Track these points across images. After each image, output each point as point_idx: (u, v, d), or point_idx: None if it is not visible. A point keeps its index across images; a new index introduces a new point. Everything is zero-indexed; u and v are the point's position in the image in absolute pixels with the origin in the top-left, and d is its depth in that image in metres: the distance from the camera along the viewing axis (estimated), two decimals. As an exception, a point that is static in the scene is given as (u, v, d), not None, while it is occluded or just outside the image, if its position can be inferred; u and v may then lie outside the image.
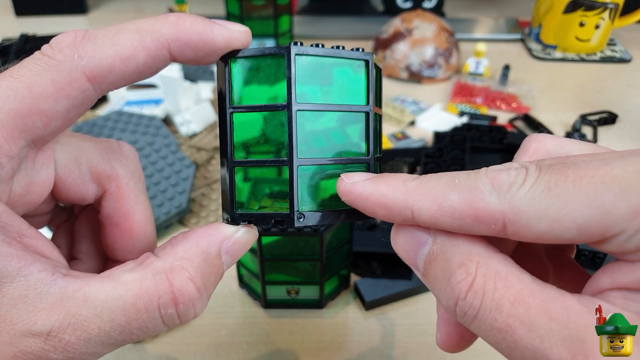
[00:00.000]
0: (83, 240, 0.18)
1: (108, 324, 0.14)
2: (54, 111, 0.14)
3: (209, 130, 0.49)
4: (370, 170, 0.17)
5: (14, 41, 0.62)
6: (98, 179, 0.17)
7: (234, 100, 0.16)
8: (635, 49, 0.69)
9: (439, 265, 0.14)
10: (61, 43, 0.14)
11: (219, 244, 0.16)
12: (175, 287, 0.15)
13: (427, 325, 0.32)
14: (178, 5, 0.67)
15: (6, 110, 0.13)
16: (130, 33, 0.14)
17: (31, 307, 0.13)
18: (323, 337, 0.31)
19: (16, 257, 0.13)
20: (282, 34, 0.62)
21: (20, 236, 0.14)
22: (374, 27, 0.68)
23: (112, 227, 0.17)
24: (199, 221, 0.39)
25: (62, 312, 0.13)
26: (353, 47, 0.17)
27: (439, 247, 0.14)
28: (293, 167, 0.15)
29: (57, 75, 0.13)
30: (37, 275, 0.13)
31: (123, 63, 0.14)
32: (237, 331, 0.32)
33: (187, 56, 0.15)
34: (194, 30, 0.15)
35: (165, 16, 0.15)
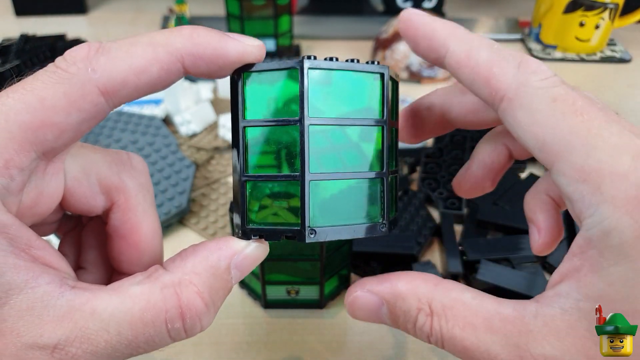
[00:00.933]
0: (89, 250, 0.18)
1: (115, 337, 0.14)
2: (66, 124, 0.13)
3: (208, 130, 0.49)
4: (384, 185, 0.17)
5: (14, 41, 0.62)
6: (107, 191, 0.17)
7: (247, 114, 0.16)
8: (635, 49, 0.69)
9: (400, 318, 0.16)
10: (75, 56, 0.14)
11: (229, 259, 0.16)
12: (183, 301, 0.15)
13: (427, 325, 0.32)
14: (178, 5, 0.67)
15: (18, 123, 0.13)
16: (143, 46, 0.14)
17: (38, 319, 0.13)
18: (323, 337, 0.31)
19: (24, 269, 0.13)
20: (282, 34, 0.62)
21: (28, 247, 0.14)
22: (374, 27, 0.68)
23: (119, 240, 0.17)
24: (198, 221, 0.39)
25: (69, 325, 0.13)
26: (368, 60, 0.17)
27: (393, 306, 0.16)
28: (305, 182, 0.15)
29: (70, 89, 0.13)
30: (45, 287, 0.13)
31: (136, 76, 0.14)
32: (237, 331, 0.32)
33: (201, 70, 0.15)
34: (208, 44, 0.15)
35: (180, 29, 0.15)
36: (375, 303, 0.16)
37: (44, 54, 0.56)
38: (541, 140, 0.14)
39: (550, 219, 0.18)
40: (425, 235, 0.37)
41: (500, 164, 0.20)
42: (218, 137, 0.48)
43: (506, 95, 0.15)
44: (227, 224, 0.39)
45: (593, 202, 0.13)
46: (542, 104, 0.14)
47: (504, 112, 0.15)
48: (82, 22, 0.78)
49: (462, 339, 0.15)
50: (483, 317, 0.15)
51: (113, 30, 0.75)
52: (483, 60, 0.15)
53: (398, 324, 0.16)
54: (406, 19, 0.16)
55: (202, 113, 0.49)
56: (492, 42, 0.16)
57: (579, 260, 0.14)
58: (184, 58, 0.14)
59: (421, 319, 0.16)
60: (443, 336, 0.15)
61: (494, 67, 0.15)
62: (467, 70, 0.15)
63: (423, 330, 0.16)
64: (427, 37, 0.16)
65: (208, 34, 0.15)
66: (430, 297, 0.16)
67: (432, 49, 0.16)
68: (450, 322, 0.15)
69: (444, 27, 0.16)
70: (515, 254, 0.35)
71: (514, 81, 0.15)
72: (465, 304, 0.15)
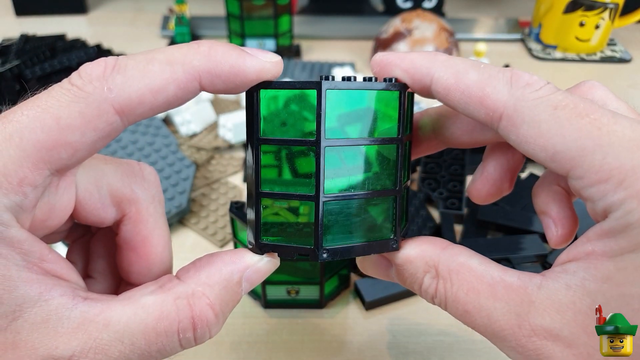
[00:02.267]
0: (98, 260, 0.18)
1: (129, 347, 0.14)
2: (81, 143, 0.13)
3: (209, 130, 0.49)
4: (397, 204, 0.17)
5: (14, 41, 0.62)
6: (118, 202, 0.16)
7: (263, 131, 0.16)
8: (635, 49, 0.70)
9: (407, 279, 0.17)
10: (91, 74, 0.14)
11: (242, 272, 0.16)
12: (196, 312, 0.15)
13: (427, 325, 0.32)
14: (178, 5, 0.67)
15: (32, 142, 0.13)
16: (161, 64, 0.14)
17: (52, 331, 0.13)
18: (323, 336, 0.31)
19: (37, 282, 0.13)
20: (282, 33, 0.62)
21: (41, 261, 0.14)
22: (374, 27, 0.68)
23: (128, 251, 0.17)
24: (198, 221, 0.39)
25: (83, 337, 0.13)
26: (386, 78, 0.16)
27: (401, 267, 0.17)
28: (319, 203, 0.15)
29: (86, 108, 0.13)
30: (58, 299, 0.13)
31: (153, 95, 0.14)
32: (237, 331, 0.32)
33: (218, 88, 0.15)
34: (226, 62, 0.14)
35: (197, 45, 0.14)
36: (385, 264, 0.17)
37: (44, 54, 0.56)
38: (551, 150, 0.14)
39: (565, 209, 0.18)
40: (426, 235, 0.37)
41: (515, 161, 0.19)
42: (218, 137, 0.48)
43: (505, 113, 0.14)
44: (227, 224, 0.39)
45: (616, 199, 0.13)
46: (544, 114, 0.14)
47: (506, 130, 0.15)
48: (82, 22, 0.78)
49: (464, 302, 0.15)
50: (487, 284, 0.15)
51: (113, 30, 0.75)
52: (473, 81, 0.15)
53: (404, 282, 0.17)
54: (379, 62, 0.16)
55: (202, 113, 0.49)
56: (477, 62, 0.15)
57: (593, 246, 0.14)
58: (202, 77, 0.14)
59: (427, 281, 0.16)
60: (447, 299, 0.15)
61: (486, 87, 0.15)
62: (457, 94, 0.15)
63: (428, 292, 0.16)
64: (407, 70, 0.16)
65: (226, 52, 0.14)
66: (437, 261, 0.16)
67: (415, 80, 0.16)
68: (455, 286, 0.15)
69: (423, 57, 0.16)
70: (516, 254, 0.35)
71: (510, 97, 0.14)
72: (471, 269, 0.15)
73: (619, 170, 0.13)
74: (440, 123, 0.18)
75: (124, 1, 0.85)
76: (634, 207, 0.13)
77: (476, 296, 0.15)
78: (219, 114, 0.51)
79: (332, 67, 0.61)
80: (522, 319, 0.14)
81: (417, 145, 0.19)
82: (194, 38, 0.70)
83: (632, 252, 0.13)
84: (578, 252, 0.14)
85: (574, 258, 0.14)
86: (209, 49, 0.14)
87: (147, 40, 0.71)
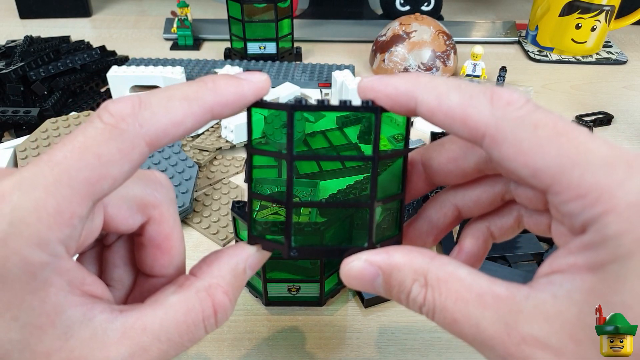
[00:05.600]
0: (115, 270, 0.20)
1: (166, 344, 0.16)
2: (119, 174, 0.15)
3: (211, 131, 0.50)
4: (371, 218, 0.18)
5: (18, 42, 0.63)
6: (143, 209, 0.18)
7: (254, 143, 0.18)
8: (631, 50, 0.70)
9: (394, 288, 0.17)
10: (122, 111, 0.15)
11: (245, 261, 0.19)
12: (215, 301, 0.17)
13: (424, 322, 0.33)
14: (181, 8, 0.67)
15: (80, 180, 0.14)
16: (180, 101, 0.16)
17: (101, 344, 0.15)
18: (323, 333, 0.32)
19: (80, 305, 0.15)
20: (282, 37, 0.63)
21: (82, 285, 0.16)
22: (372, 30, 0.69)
23: (153, 248, 0.19)
24: (201, 220, 0.40)
25: (128, 343, 0.15)
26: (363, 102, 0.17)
27: (389, 276, 0.17)
28: (289, 209, 0.17)
29: (122, 144, 0.15)
30: (99, 316, 0.15)
31: (175, 128, 0.16)
32: (238, 328, 0.32)
33: (226, 114, 0.17)
34: (230, 92, 0.16)
35: (205, 83, 0.16)
36: (371, 273, 0.17)
37: (48, 56, 0.57)
38: (532, 167, 0.15)
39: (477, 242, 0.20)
40: (423, 234, 0.38)
41: (445, 224, 0.20)
42: (220, 138, 0.49)
43: (487, 133, 0.15)
44: (229, 223, 0.40)
45: (594, 213, 0.14)
46: (525, 132, 0.15)
47: (489, 148, 0.15)
48: (86, 25, 0.78)
49: (453, 311, 0.15)
50: (476, 293, 0.15)
51: (116, 32, 0.76)
52: (455, 103, 0.15)
53: (391, 294, 0.17)
54: (364, 88, 0.17)
55: (204, 115, 0.50)
56: (459, 82, 0.16)
57: (575, 258, 0.15)
58: (213, 108, 0.16)
59: (415, 290, 0.16)
60: (435, 308, 0.16)
61: (468, 108, 0.15)
62: (441, 116, 0.16)
63: (416, 301, 0.16)
64: (391, 96, 0.16)
65: (227, 84, 0.17)
66: (426, 270, 0.16)
67: (400, 105, 0.16)
68: (444, 295, 0.16)
69: (406, 80, 0.16)
70: (512, 252, 0.35)
71: (491, 117, 0.15)
72: (460, 279, 0.16)
73: (596, 186, 0.14)
74: (427, 155, 0.19)
75: (126, 4, 0.86)
76: (610, 221, 0.14)
77: (464, 305, 0.15)
78: (220, 116, 0.52)
79: (332, 69, 0.61)
80: (510, 328, 0.14)
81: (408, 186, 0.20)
82: (196, 41, 0.71)
83: (611, 263, 0.14)
84: (560, 264, 0.15)
85: (557, 270, 0.15)
86: (214, 84, 0.16)
87: (150, 43, 0.72)
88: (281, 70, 0.61)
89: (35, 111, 0.48)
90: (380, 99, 0.17)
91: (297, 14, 0.78)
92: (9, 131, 0.50)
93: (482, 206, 0.19)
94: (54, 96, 0.53)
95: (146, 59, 0.63)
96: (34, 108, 0.49)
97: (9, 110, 0.48)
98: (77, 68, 0.57)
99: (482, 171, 0.18)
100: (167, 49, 0.70)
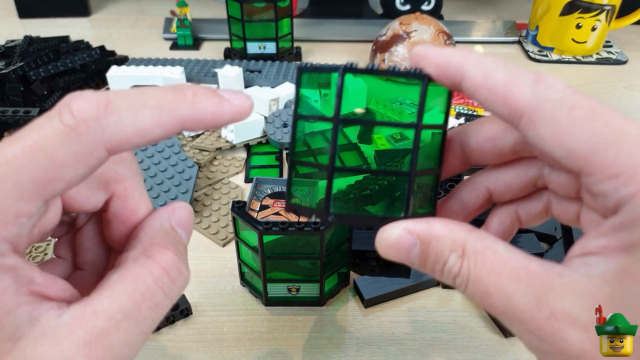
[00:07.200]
0: (86, 253, 0.19)
1: (125, 321, 0.15)
2: (73, 177, 0.14)
3: (211, 131, 0.50)
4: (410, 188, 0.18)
5: (18, 42, 0.63)
6: (105, 185, 0.18)
7: (300, 108, 0.18)
8: (631, 50, 0.70)
9: (430, 258, 0.17)
10: (85, 114, 0.14)
11: (168, 220, 0.18)
12: (158, 259, 0.16)
13: (424, 322, 0.33)
14: (180, 7, 0.67)
15: (29, 180, 0.14)
16: (151, 110, 0.15)
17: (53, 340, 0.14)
18: (323, 333, 0.32)
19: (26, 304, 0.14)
20: (282, 36, 0.63)
21: (29, 283, 0.15)
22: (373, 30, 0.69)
23: (119, 224, 0.18)
24: (201, 220, 0.40)
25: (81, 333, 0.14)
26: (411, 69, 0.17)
27: (426, 245, 0.17)
28: (331, 174, 0.17)
29: (80, 148, 0.14)
30: (47, 314, 0.15)
31: (140, 137, 0.15)
32: (238, 328, 0.32)
33: (197, 129, 0.16)
34: (207, 110, 0.16)
35: (183, 93, 0.16)
36: (409, 242, 0.17)
37: (48, 56, 0.56)
38: (566, 147, 0.15)
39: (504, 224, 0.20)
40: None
41: (476, 205, 0.20)
42: (220, 138, 0.49)
43: (525, 112, 0.16)
44: (229, 223, 0.40)
45: (627, 193, 0.14)
46: (563, 113, 0.15)
47: (525, 128, 0.16)
48: (85, 24, 0.78)
49: (486, 283, 0.15)
50: (511, 267, 0.15)
51: (115, 32, 0.76)
52: (499, 81, 0.16)
53: (426, 264, 0.17)
54: (417, 54, 0.17)
55: (204, 114, 0.50)
56: (506, 62, 0.16)
57: (607, 240, 0.15)
58: (185, 122, 0.16)
59: (452, 260, 0.16)
60: (469, 279, 0.16)
61: (511, 87, 0.16)
62: (484, 92, 0.16)
63: (451, 272, 0.16)
64: (441, 67, 0.17)
65: (208, 100, 0.16)
66: (464, 241, 0.16)
67: (448, 76, 0.17)
68: (479, 266, 0.16)
69: (457, 53, 0.17)
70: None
71: (532, 97, 0.15)
72: (497, 252, 0.16)
73: (630, 166, 0.14)
74: (465, 133, 0.20)
75: (126, 4, 0.86)
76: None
77: (498, 278, 0.15)
78: (220, 116, 0.52)
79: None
80: (541, 302, 0.15)
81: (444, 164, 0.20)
82: (195, 41, 0.71)
83: None
84: (593, 246, 0.15)
85: (590, 252, 0.15)
86: (193, 97, 0.16)
87: (150, 43, 0.72)
88: (281, 70, 0.61)
89: (35, 111, 0.48)
90: (430, 68, 0.17)
91: (297, 13, 0.78)
92: (9, 131, 0.50)
93: (514, 191, 0.20)
94: (54, 96, 0.53)
95: (146, 59, 0.63)
96: (33, 108, 0.49)
97: (8, 110, 0.48)
98: (77, 68, 0.57)
99: (518, 153, 0.19)
100: (167, 48, 0.70)
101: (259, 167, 0.46)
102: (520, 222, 0.20)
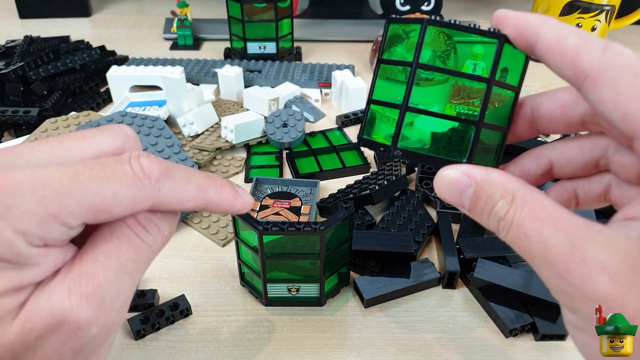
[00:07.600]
0: None
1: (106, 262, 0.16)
2: (118, 214, 0.16)
3: (211, 131, 0.50)
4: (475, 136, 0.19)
5: (18, 42, 0.63)
6: None
7: (384, 54, 0.21)
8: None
9: (481, 201, 0.18)
10: (152, 172, 0.17)
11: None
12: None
13: (424, 322, 0.33)
14: (180, 8, 0.67)
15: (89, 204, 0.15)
16: (193, 188, 0.18)
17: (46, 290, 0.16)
18: (323, 333, 0.32)
19: None
20: (282, 36, 0.63)
21: None
22: (373, 30, 0.69)
23: None
24: (201, 220, 0.40)
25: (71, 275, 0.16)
26: (490, 28, 0.19)
27: (481, 188, 0.18)
28: (403, 112, 0.19)
29: (137, 195, 0.16)
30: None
31: (178, 204, 0.18)
32: (238, 328, 0.32)
33: (212, 211, 0.19)
34: (226, 200, 0.19)
35: (215, 183, 0.19)
36: (465, 183, 0.18)
37: (48, 56, 0.57)
38: (623, 111, 0.16)
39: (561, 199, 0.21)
40: (423, 234, 0.38)
41: (536, 175, 0.21)
42: (220, 138, 0.49)
43: (590, 74, 0.17)
44: (229, 223, 0.40)
45: None
46: (625, 78, 0.16)
47: (588, 90, 0.17)
48: (86, 25, 0.79)
49: (527, 228, 0.17)
50: (554, 218, 0.17)
51: (116, 32, 0.76)
52: (571, 44, 0.17)
53: (475, 207, 0.18)
54: (499, 16, 0.19)
55: (205, 114, 0.50)
56: (580, 30, 0.18)
57: None
58: (208, 204, 0.18)
59: (500, 204, 0.17)
60: (513, 223, 0.17)
61: (581, 50, 0.17)
62: (555, 54, 0.17)
63: (497, 215, 0.17)
64: (519, 28, 0.18)
65: (229, 192, 0.19)
66: (516, 190, 0.17)
67: (524, 38, 0.18)
68: (524, 213, 0.17)
69: (535, 17, 0.18)
70: (512, 252, 0.35)
71: (598, 61, 0.16)
72: (543, 205, 0.17)
73: None
74: (537, 99, 0.21)
75: (126, 4, 0.86)
76: None
77: (539, 224, 0.16)
78: (220, 116, 0.52)
79: (332, 69, 0.61)
80: (575, 248, 0.16)
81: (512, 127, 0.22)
82: (196, 41, 0.71)
83: None
84: (635, 211, 0.17)
85: (632, 216, 0.17)
86: (220, 186, 0.19)
87: (150, 42, 0.72)
88: (281, 70, 0.61)
89: (34, 111, 0.48)
90: (508, 29, 0.19)
91: (297, 13, 0.78)
92: (9, 131, 0.50)
93: (576, 167, 0.20)
94: (54, 96, 0.53)
95: (146, 59, 0.63)
96: (33, 108, 0.49)
97: (8, 110, 0.48)
98: (77, 68, 0.57)
99: (586, 125, 0.20)
100: (167, 48, 0.70)
101: (259, 167, 0.46)
102: (577, 202, 0.21)
